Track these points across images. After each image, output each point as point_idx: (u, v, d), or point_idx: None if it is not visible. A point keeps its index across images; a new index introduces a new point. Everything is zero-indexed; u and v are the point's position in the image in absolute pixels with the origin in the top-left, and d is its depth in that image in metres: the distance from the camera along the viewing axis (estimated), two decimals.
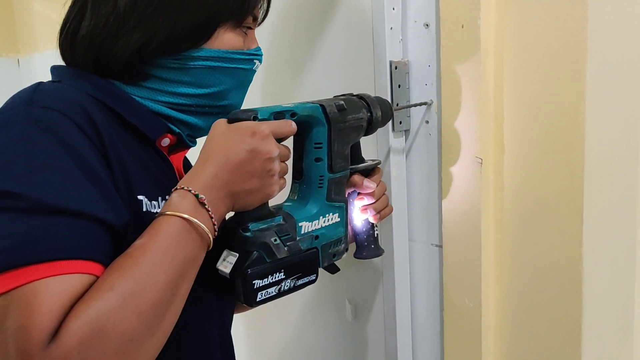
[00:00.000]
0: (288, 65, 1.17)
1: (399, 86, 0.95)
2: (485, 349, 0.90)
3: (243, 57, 0.70)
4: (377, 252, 0.85)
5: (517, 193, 0.84)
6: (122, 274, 0.51)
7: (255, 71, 0.73)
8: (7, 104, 0.57)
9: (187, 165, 0.80)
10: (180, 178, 0.70)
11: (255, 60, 0.72)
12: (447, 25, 0.86)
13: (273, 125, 0.63)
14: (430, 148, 0.96)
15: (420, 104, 0.95)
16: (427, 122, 0.95)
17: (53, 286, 0.48)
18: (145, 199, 0.61)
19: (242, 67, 0.70)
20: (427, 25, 0.93)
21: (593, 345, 0.80)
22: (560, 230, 0.79)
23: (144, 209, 0.61)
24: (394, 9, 0.94)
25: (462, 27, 0.84)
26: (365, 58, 0.98)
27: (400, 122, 0.97)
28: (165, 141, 0.69)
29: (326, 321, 1.19)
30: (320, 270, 0.74)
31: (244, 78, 0.72)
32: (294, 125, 0.67)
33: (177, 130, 0.70)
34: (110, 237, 0.55)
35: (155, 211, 0.62)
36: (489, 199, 0.87)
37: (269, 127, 0.62)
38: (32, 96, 0.56)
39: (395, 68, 0.94)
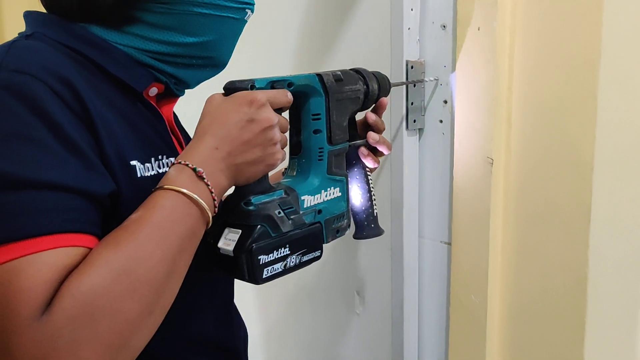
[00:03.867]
0: (306, 63, 1.19)
1: (415, 85, 0.97)
2: (489, 345, 0.92)
3: (235, 5, 0.65)
4: (377, 231, 0.82)
5: (526, 193, 0.86)
6: (116, 248, 0.49)
7: (246, 21, 0.69)
8: None
9: (177, 121, 0.75)
10: (172, 130, 0.68)
11: (247, 10, 0.67)
12: (464, 27, 0.88)
13: (269, 93, 0.61)
14: (443, 147, 0.98)
15: (417, 81, 0.96)
16: (440, 121, 0.98)
17: (36, 263, 0.46)
18: (139, 164, 0.58)
19: (233, 16, 0.66)
20: (444, 26, 0.95)
21: (596, 344, 0.82)
22: (567, 230, 0.81)
23: (139, 175, 0.58)
24: (412, 9, 0.96)
25: (479, 29, 0.86)
26: (382, 57, 1.00)
27: (415, 121, 0.99)
28: (153, 90, 0.65)
29: (334, 312, 1.22)
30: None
31: (234, 28, 0.68)
32: (289, 96, 0.64)
33: (164, 79, 0.66)
34: (95, 207, 0.52)
35: (149, 174, 0.59)
36: (498, 199, 0.89)
37: (265, 95, 0.60)
38: (3, 59, 0.52)
39: (412, 67, 0.96)
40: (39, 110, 0.50)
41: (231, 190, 0.64)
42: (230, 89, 0.62)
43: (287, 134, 0.69)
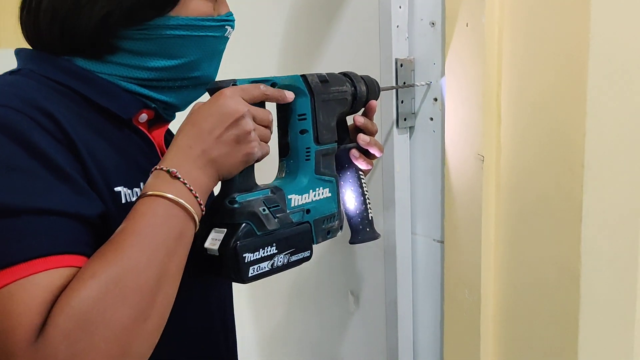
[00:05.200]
0: (295, 62, 1.19)
1: (404, 83, 0.97)
2: (484, 341, 0.92)
3: (213, 24, 0.66)
4: (373, 235, 0.80)
5: (517, 190, 0.86)
6: (103, 260, 0.50)
7: (227, 38, 0.70)
8: None
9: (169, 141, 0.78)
10: (162, 154, 0.67)
11: (226, 27, 0.68)
12: (452, 23, 0.88)
13: (239, 87, 0.62)
14: (433, 145, 0.97)
15: (408, 86, 0.96)
16: (431, 119, 0.97)
17: (29, 286, 0.47)
18: (124, 189, 0.59)
19: (213, 34, 0.67)
20: (432, 23, 0.94)
21: (590, 339, 0.81)
22: (559, 226, 0.81)
23: (123, 201, 0.59)
24: (400, 7, 0.96)
25: (467, 25, 0.86)
26: (371, 55, 1.00)
27: (405, 119, 0.98)
28: (143, 117, 0.66)
29: (329, 311, 1.21)
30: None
31: (216, 46, 0.68)
32: (262, 87, 0.64)
33: (153, 105, 0.67)
34: (86, 228, 0.53)
35: (135, 199, 0.60)
36: (490, 195, 0.89)
37: (234, 88, 0.61)
38: None
39: (401, 65, 0.96)
40: (23, 140, 0.51)
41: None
42: (213, 89, 0.62)
43: (273, 131, 0.68)
